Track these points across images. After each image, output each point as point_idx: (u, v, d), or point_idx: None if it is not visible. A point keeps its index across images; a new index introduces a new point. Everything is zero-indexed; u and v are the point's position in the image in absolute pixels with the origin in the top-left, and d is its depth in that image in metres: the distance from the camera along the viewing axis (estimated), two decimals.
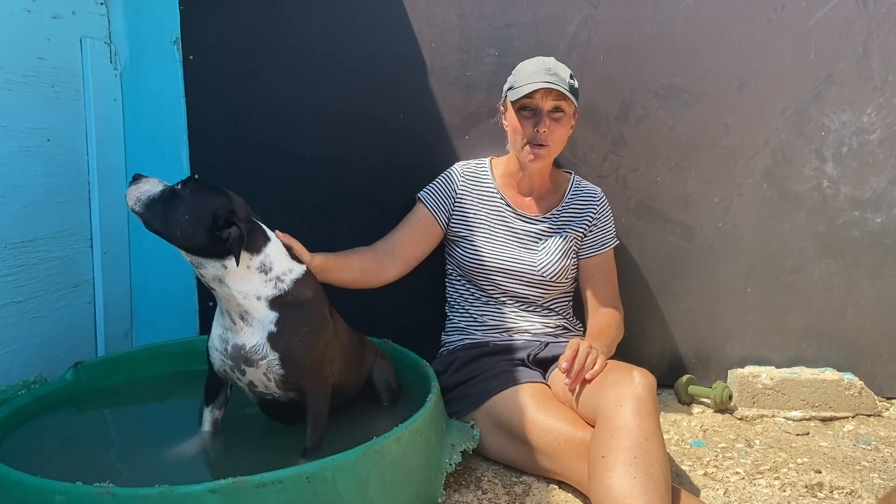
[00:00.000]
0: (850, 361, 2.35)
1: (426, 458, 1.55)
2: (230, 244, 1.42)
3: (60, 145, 2.00)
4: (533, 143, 1.92)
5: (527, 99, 1.89)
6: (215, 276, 1.47)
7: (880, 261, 2.31)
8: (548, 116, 1.90)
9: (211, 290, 1.50)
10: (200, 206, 1.44)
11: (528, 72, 1.91)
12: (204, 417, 1.66)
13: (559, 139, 1.95)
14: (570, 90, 1.88)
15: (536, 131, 1.90)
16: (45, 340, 1.96)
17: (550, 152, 1.95)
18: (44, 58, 1.93)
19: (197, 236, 1.43)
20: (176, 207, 1.43)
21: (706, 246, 2.33)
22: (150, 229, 1.45)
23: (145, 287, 2.31)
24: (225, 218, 1.43)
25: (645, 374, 1.59)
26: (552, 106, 1.89)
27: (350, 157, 2.29)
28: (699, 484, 1.76)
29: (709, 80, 2.25)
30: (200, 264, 1.46)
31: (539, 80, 1.87)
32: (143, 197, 1.44)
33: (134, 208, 1.44)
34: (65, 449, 1.58)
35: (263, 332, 1.49)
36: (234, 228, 1.43)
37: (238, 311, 1.49)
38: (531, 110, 1.91)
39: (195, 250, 1.44)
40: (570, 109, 1.93)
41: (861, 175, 2.27)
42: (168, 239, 1.44)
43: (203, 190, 1.47)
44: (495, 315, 2.03)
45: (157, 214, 1.44)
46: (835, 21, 2.20)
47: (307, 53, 2.24)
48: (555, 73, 1.88)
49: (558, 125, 1.92)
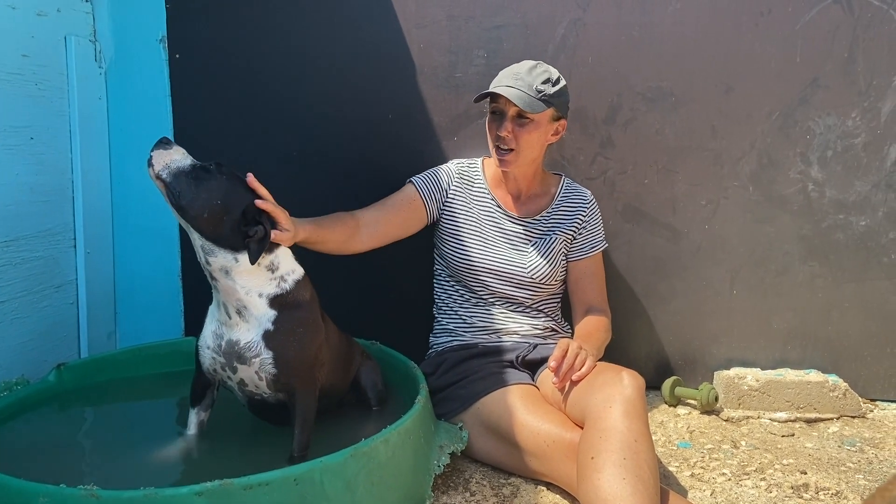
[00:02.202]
0: (834, 363, 2.37)
1: (414, 459, 1.54)
2: (253, 242, 1.43)
3: (44, 144, 1.98)
4: (498, 148, 1.92)
5: (493, 102, 1.90)
6: (223, 266, 1.45)
7: (864, 263, 2.33)
8: (511, 121, 1.88)
9: (212, 280, 1.48)
10: (234, 195, 1.44)
11: (501, 75, 1.91)
12: (190, 419, 1.64)
13: (526, 144, 1.90)
14: (537, 96, 1.84)
15: (499, 135, 1.90)
16: (28, 341, 1.93)
17: (518, 157, 1.92)
18: (28, 55, 1.91)
19: (222, 224, 1.42)
20: (210, 189, 1.41)
21: (693, 248, 2.35)
22: (173, 202, 1.40)
23: (129, 288, 2.29)
24: (253, 215, 1.44)
25: (634, 376, 1.59)
26: (516, 111, 1.87)
27: (339, 158, 2.28)
28: (686, 485, 1.76)
29: (696, 83, 2.26)
30: (212, 252, 1.44)
31: (502, 84, 1.87)
32: (172, 165, 1.40)
33: (160, 174, 1.39)
34: (48, 451, 1.55)
35: (260, 330, 1.48)
36: (260, 228, 1.44)
37: (236, 305, 1.48)
38: (497, 113, 1.91)
39: (212, 236, 1.43)
40: (541, 117, 1.89)
41: (846, 178, 2.29)
42: (190, 218, 1.41)
43: (237, 180, 1.46)
44: (484, 316, 2.03)
45: (188, 189, 1.39)
46: (820, 26, 2.22)
47: (295, 53, 2.24)
48: (521, 79, 1.85)
49: (523, 130, 1.88)
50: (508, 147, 1.90)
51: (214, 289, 1.50)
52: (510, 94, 1.83)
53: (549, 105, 1.87)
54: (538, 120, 1.89)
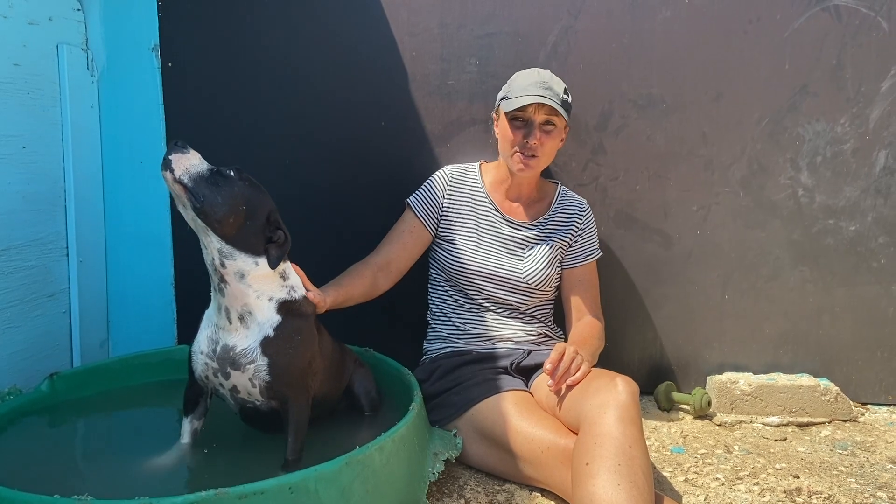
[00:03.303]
0: (825, 367, 2.38)
1: (409, 467, 1.54)
2: (274, 247, 1.47)
3: (36, 153, 1.97)
4: (523, 152, 1.93)
5: (519, 111, 1.91)
6: (240, 270, 1.46)
7: (854, 268, 2.35)
8: (539, 129, 1.91)
9: (221, 283, 1.47)
10: (258, 201, 1.47)
11: (524, 84, 1.92)
12: (183, 428, 1.63)
13: (549, 151, 1.96)
14: (562, 105, 1.90)
15: (526, 142, 1.91)
16: (20, 351, 1.92)
17: (540, 163, 1.96)
18: (20, 64, 1.91)
19: (246, 228, 1.44)
20: (234, 194, 1.42)
21: (685, 254, 2.36)
22: (196, 207, 1.39)
23: (122, 296, 2.28)
24: (275, 221, 1.48)
25: (628, 382, 1.60)
26: (544, 119, 1.91)
27: (331, 166, 2.29)
28: (680, 490, 1.77)
29: (686, 90, 2.28)
30: (231, 255, 1.45)
31: (533, 93, 1.88)
32: (192, 170, 1.39)
33: (181, 178, 1.37)
34: (41, 461, 1.54)
35: (259, 336, 1.48)
36: (282, 233, 1.49)
37: (241, 310, 1.48)
38: (523, 121, 1.93)
39: (234, 240, 1.44)
40: (562, 124, 1.95)
41: (835, 184, 2.31)
42: (213, 222, 1.41)
43: (258, 186, 1.48)
44: (477, 323, 2.03)
45: (211, 194, 1.39)
46: (809, 33, 2.25)
47: (287, 61, 2.24)
48: (549, 87, 1.90)
49: (549, 137, 1.93)
50: (535, 153, 1.93)
51: (219, 293, 1.49)
52: (552, 104, 1.87)
53: (569, 113, 1.95)
54: (560, 127, 1.95)
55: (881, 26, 2.23)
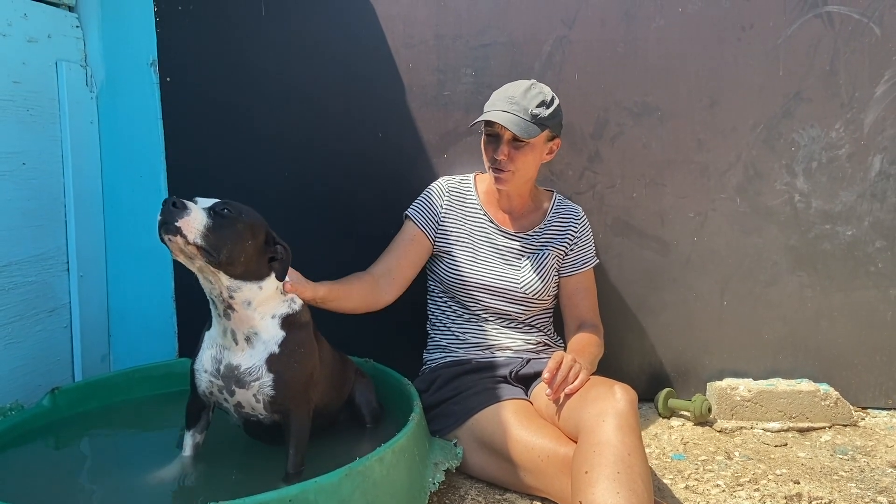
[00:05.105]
0: (825, 372, 2.38)
1: (410, 477, 1.54)
2: (279, 262, 1.49)
3: (36, 169, 1.99)
4: (494, 167, 1.94)
5: (487, 125, 1.91)
6: (246, 299, 1.47)
7: (852, 273, 2.35)
8: (507, 144, 1.89)
9: (229, 311, 1.47)
10: (256, 227, 1.47)
11: (495, 98, 1.93)
12: (185, 441, 1.64)
13: (522, 165, 1.93)
14: (532, 120, 1.86)
15: (495, 157, 1.91)
16: (22, 366, 1.93)
17: (514, 177, 1.94)
18: (19, 81, 1.92)
19: (253, 259, 1.46)
20: (237, 235, 1.41)
21: (682, 260, 2.37)
22: (213, 260, 1.37)
23: (123, 310, 2.29)
24: (272, 239, 1.50)
25: (626, 390, 1.60)
26: (511, 135, 1.88)
27: (329, 177, 2.30)
28: (681, 497, 1.77)
29: (681, 97, 2.29)
30: (238, 288, 1.45)
31: (498, 108, 1.88)
32: (201, 229, 1.35)
33: (196, 242, 1.34)
34: (43, 476, 1.55)
35: (265, 354, 1.49)
36: (280, 248, 1.50)
37: (248, 332, 1.49)
38: (492, 136, 1.93)
39: (243, 274, 1.44)
40: (537, 139, 1.90)
41: (831, 189, 2.32)
42: (226, 266, 1.40)
43: (249, 211, 1.48)
44: (477, 332, 2.04)
45: (221, 243, 1.37)
46: (802, 39, 2.26)
47: (285, 74, 2.26)
48: (516, 103, 1.86)
49: (519, 153, 1.90)
50: (504, 168, 1.92)
51: (224, 317, 1.49)
52: (505, 120, 1.84)
53: (543, 128, 1.89)
54: (534, 143, 1.90)
55: (873, 32, 2.25)
